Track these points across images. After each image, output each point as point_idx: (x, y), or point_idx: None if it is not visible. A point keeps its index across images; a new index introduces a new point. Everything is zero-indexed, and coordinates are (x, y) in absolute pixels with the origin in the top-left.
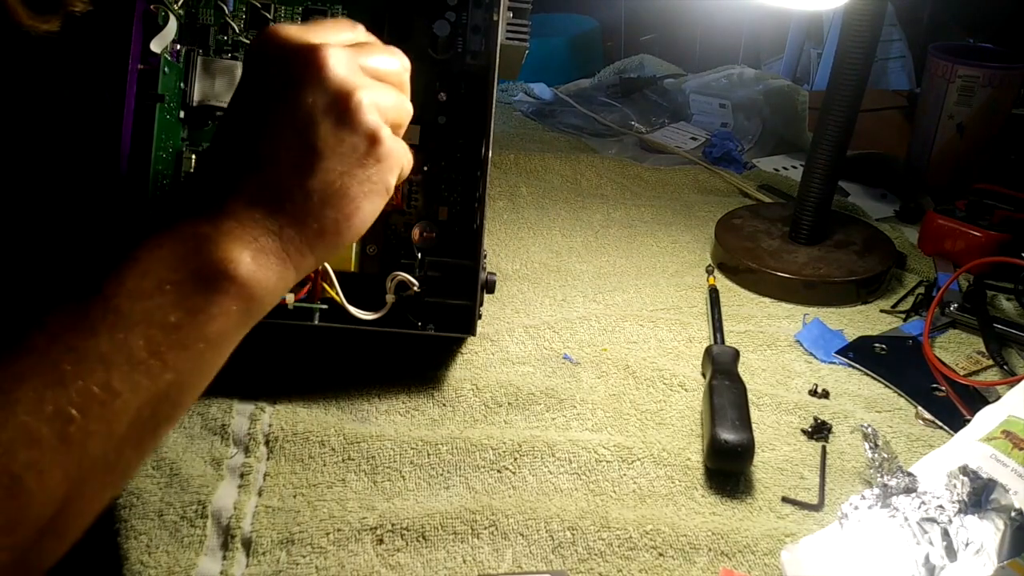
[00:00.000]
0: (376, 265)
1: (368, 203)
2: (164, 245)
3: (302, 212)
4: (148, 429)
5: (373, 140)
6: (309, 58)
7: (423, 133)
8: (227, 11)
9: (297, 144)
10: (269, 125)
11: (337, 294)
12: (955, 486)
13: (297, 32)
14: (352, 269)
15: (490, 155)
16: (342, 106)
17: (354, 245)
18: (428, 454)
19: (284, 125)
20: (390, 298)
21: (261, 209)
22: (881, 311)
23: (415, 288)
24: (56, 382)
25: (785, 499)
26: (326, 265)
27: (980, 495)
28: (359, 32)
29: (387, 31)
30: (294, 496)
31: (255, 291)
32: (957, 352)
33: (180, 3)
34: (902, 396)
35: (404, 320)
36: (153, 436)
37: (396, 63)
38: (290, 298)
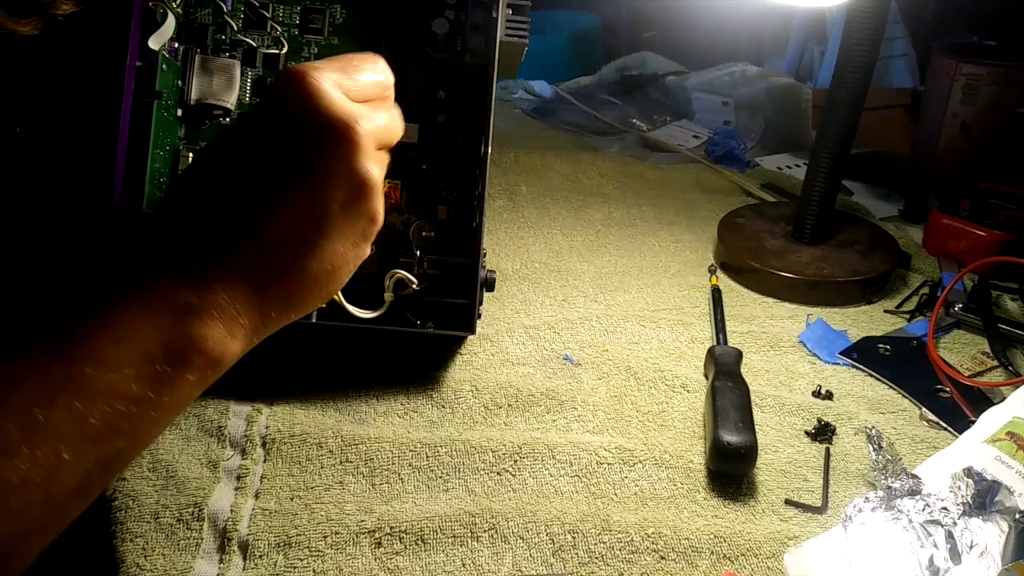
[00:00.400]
0: (375, 264)
1: (351, 270)
2: (141, 312)
3: (293, 291)
4: (95, 486)
5: (374, 220)
6: (345, 137)
7: (422, 131)
8: (225, 9)
9: (309, 220)
10: (283, 192)
11: (336, 292)
12: (959, 488)
13: (339, 100)
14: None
15: (490, 153)
16: (363, 194)
17: None
18: (427, 456)
19: (301, 198)
20: (389, 296)
21: (252, 285)
22: (885, 311)
23: (414, 286)
24: (2, 449)
25: (788, 501)
26: None
27: (984, 497)
28: (381, 67)
29: (386, 30)
30: (291, 499)
31: (222, 362)
32: (962, 353)
33: (179, 1)
34: (906, 397)
35: (403, 319)
36: (99, 488)
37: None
38: None
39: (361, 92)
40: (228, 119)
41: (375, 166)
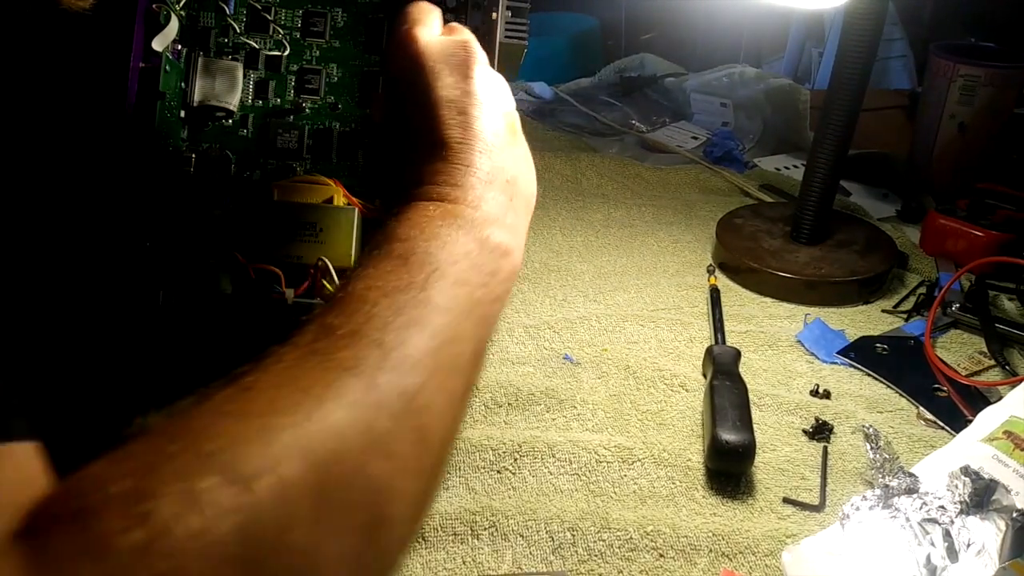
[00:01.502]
0: None
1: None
2: (453, 228)
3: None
4: (470, 390)
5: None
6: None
7: None
8: (228, 12)
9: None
10: (516, 152)
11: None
12: (957, 487)
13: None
14: (351, 265)
15: None
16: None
17: (353, 242)
18: None
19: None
20: None
21: (504, 201)
22: (883, 311)
23: None
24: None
25: (786, 500)
26: (326, 261)
27: (982, 496)
28: None
29: (386, 33)
30: None
31: (519, 259)
32: (959, 352)
33: (182, 3)
34: (903, 396)
35: None
36: (464, 404)
37: None
38: (289, 293)
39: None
40: (230, 120)
41: None
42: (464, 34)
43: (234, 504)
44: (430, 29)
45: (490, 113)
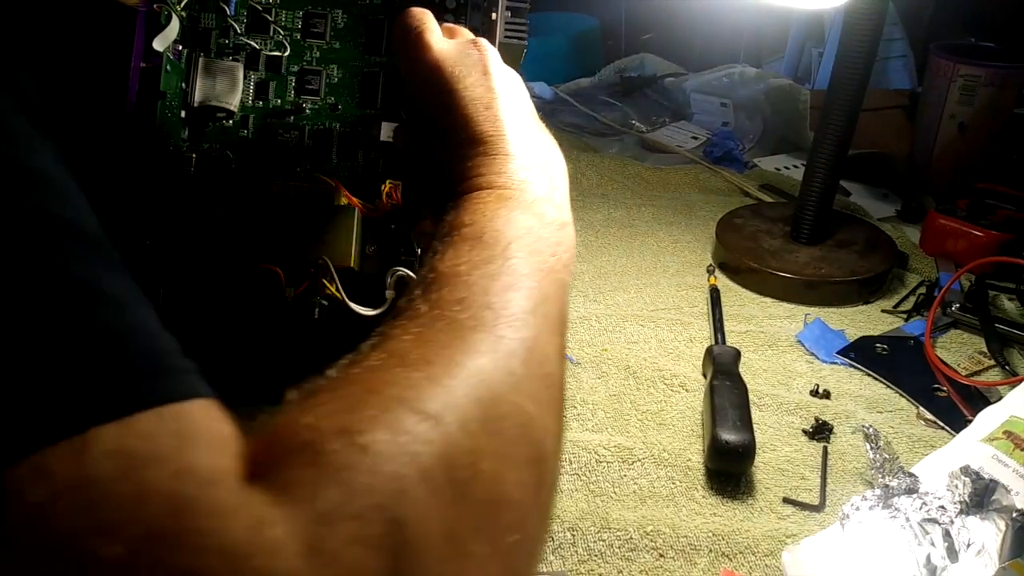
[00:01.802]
0: (376, 264)
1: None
2: (510, 210)
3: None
4: (564, 350)
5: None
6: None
7: None
8: (229, 13)
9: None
10: (543, 136)
11: (337, 290)
12: (956, 487)
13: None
14: (352, 265)
15: None
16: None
17: (354, 242)
18: None
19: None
20: (390, 294)
21: (546, 181)
22: (883, 311)
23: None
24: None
25: (786, 500)
26: (327, 260)
27: (982, 496)
28: None
29: (386, 34)
30: None
31: (574, 234)
32: (959, 352)
33: (183, 4)
34: (903, 396)
35: None
36: (563, 364)
37: None
38: (289, 292)
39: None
40: (231, 121)
41: None
42: (468, 34)
43: (431, 436)
44: (437, 33)
45: (514, 104)
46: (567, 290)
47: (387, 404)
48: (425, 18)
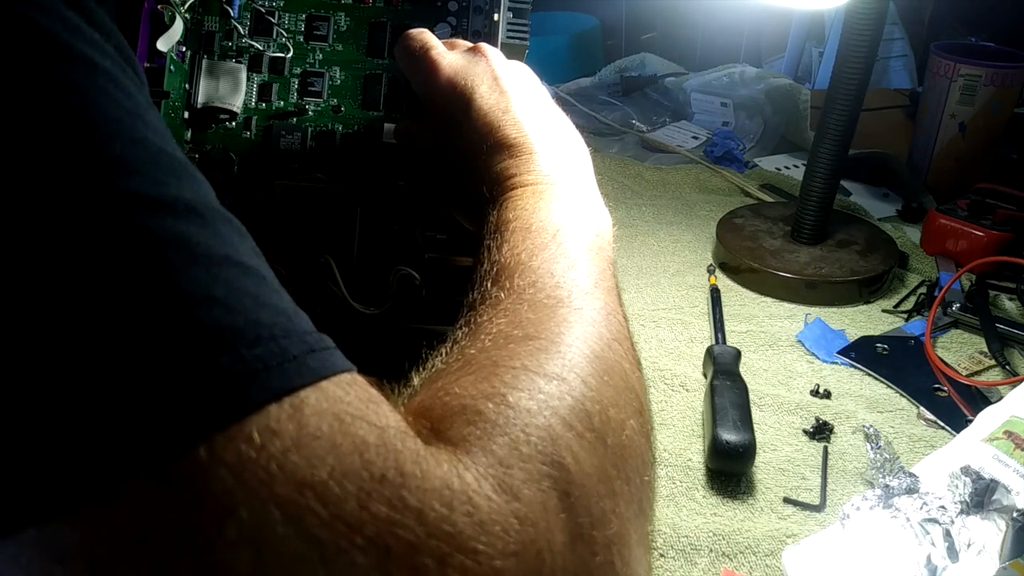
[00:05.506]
0: (378, 263)
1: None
2: (548, 202)
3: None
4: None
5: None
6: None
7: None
8: (232, 16)
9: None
10: (561, 124)
11: (340, 289)
12: (957, 487)
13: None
14: (354, 264)
15: None
16: None
17: (355, 242)
18: None
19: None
20: (392, 293)
21: (573, 171)
22: (883, 311)
23: (418, 283)
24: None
25: (787, 500)
26: (328, 258)
27: (982, 496)
28: None
29: (389, 36)
30: None
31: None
32: (959, 352)
33: (187, 5)
34: (904, 396)
35: (406, 316)
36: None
37: None
38: (291, 290)
39: None
40: (234, 122)
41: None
42: (466, 43)
43: (562, 392)
44: (441, 49)
45: (528, 100)
46: (615, 264)
47: (516, 373)
48: (426, 37)
